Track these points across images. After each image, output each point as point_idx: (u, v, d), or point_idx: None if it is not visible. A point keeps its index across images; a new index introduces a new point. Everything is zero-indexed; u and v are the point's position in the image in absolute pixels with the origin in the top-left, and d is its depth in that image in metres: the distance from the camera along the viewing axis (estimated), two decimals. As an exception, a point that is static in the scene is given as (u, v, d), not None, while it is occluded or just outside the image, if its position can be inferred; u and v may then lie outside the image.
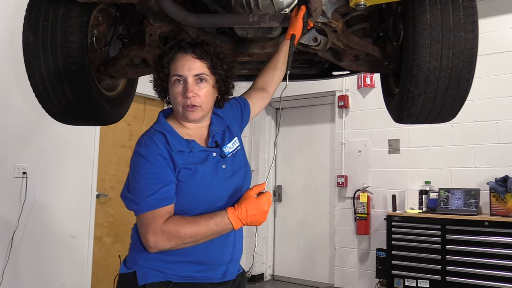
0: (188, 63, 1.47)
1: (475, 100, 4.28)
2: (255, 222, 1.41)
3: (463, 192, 4.37)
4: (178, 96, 1.47)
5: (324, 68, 2.51)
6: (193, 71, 1.47)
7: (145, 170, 1.39)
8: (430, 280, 4.16)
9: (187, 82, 1.46)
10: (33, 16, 1.86)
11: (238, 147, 1.60)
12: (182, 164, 1.43)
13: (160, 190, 1.38)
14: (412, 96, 1.83)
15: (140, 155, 1.42)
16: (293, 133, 6.12)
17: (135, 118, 4.89)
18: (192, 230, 1.35)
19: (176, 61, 1.48)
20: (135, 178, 1.41)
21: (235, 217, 1.38)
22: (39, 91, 1.94)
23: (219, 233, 1.39)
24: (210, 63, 1.49)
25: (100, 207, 4.46)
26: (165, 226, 1.35)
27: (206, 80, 1.49)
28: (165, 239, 1.35)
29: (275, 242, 6.14)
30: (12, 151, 3.61)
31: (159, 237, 1.35)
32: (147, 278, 1.42)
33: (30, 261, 3.68)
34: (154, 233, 1.35)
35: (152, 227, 1.35)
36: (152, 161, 1.40)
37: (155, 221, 1.35)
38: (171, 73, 1.48)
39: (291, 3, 1.86)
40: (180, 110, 1.49)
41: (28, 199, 3.65)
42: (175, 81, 1.48)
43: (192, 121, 1.52)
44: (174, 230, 1.35)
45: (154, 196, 1.37)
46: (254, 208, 1.40)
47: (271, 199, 1.44)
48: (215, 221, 1.37)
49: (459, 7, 1.71)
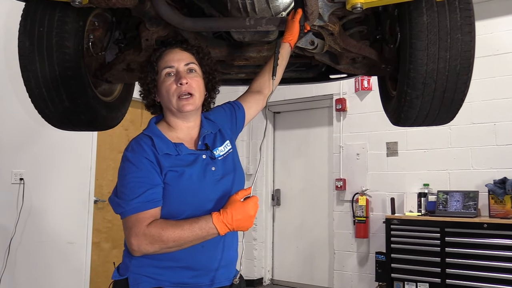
0: (177, 55, 1.54)
1: (473, 102, 4.28)
2: (241, 227, 1.38)
3: (461, 195, 4.37)
4: (171, 86, 1.50)
5: (321, 72, 2.51)
6: (183, 61, 1.54)
7: (131, 174, 1.40)
8: (430, 283, 4.15)
9: (179, 71, 1.52)
10: (29, 21, 1.84)
11: (230, 150, 1.60)
12: (169, 167, 1.43)
13: (145, 193, 1.37)
14: (409, 99, 1.82)
15: (127, 159, 1.43)
16: (291, 137, 6.12)
17: (132, 123, 4.88)
18: (175, 234, 1.33)
19: (164, 56, 1.55)
20: (121, 182, 1.41)
21: (220, 221, 1.35)
22: (35, 96, 1.93)
23: (203, 238, 1.36)
24: (197, 55, 1.58)
25: (97, 213, 4.44)
26: (148, 229, 1.33)
27: (195, 71, 1.55)
28: (148, 242, 1.33)
29: (274, 246, 6.12)
30: (8, 157, 3.59)
31: (141, 240, 1.33)
32: (139, 284, 1.41)
33: (27, 268, 3.66)
34: (137, 236, 1.33)
35: (135, 230, 1.34)
36: (138, 165, 1.41)
37: (138, 224, 1.34)
38: (161, 67, 1.53)
39: (288, 6, 1.86)
40: (174, 102, 1.50)
41: (25, 205, 3.63)
42: (166, 74, 1.52)
43: (186, 113, 1.52)
44: (157, 233, 1.33)
45: (138, 199, 1.36)
46: (239, 212, 1.36)
47: (258, 203, 1.40)
48: (199, 225, 1.34)
49: (455, 9, 1.70)
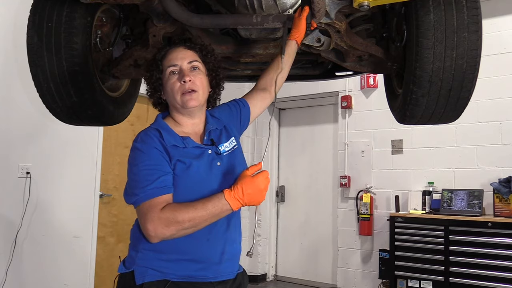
0: (180, 53, 1.56)
1: (479, 100, 4.26)
2: (253, 202, 1.40)
3: (466, 193, 4.36)
4: (175, 84, 1.52)
5: (327, 69, 2.51)
6: (187, 59, 1.56)
7: (143, 162, 1.43)
8: (433, 281, 4.15)
9: (183, 69, 1.54)
10: (37, 17, 1.86)
11: (235, 146, 1.62)
12: (177, 157, 1.45)
13: (158, 179, 1.40)
14: (415, 97, 1.82)
15: (137, 149, 1.46)
16: (296, 133, 6.12)
17: (138, 119, 4.90)
18: (189, 214, 1.35)
19: (168, 55, 1.56)
20: (133, 171, 1.45)
21: (232, 197, 1.37)
22: (43, 91, 1.95)
23: (217, 216, 1.38)
24: (200, 53, 1.60)
25: (103, 207, 4.47)
26: (162, 213, 1.36)
27: (199, 68, 1.57)
28: (164, 225, 1.35)
29: (278, 242, 6.14)
30: (15, 151, 3.62)
31: (157, 224, 1.35)
32: (145, 277, 1.43)
33: (33, 261, 3.69)
34: (152, 221, 1.35)
35: (150, 216, 1.36)
36: (148, 154, 1.44)
37: (153, 210, 1.36)
38: (165, 66, 1.55)
39: (295, 4, 1.86)
40: (178, 99, 1.52)
41: (32, 199, 3.66)
42: (170, 73, 1.54)
43: (191, 109, 1.54)
44: (171, 215, 1.35)
45: (152, 185, 1.39)
46: (250, 187, 1.38)
47: (269, 177, 1.42)
48: (212, 203, 1.37)
49: (462, 7, 1.70)
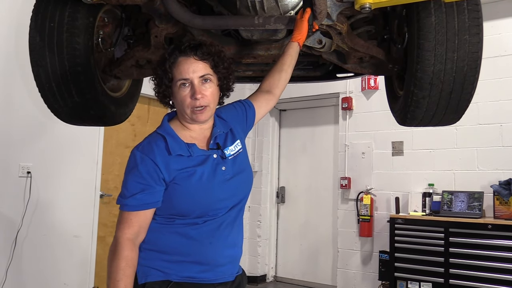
0: (192, 66, 1.49)
1: (479, 103, 4.26)
2: None
3: (466, 195, 4.36)
4: (186, 99, 1.49)
5: (329, 70, 2.52)
6: (198, 73, 1.49)
7: (132, 173, 1.44)
8: (433, 283, 4.15)
9: (194, 84, 1.49)
10: (40, 17, 1.87)
11: (240, 149, 1.61)
12: (179, 169, 1.45)
13: (137, 195, 1.42)
14: (416, 99, 1.82)
15: (134, 157, 1.47)
16: (296, 134, 6.12)
17: (139, 119, 4.90)
18: (109, 269, 1.38)
19: (179, 65, 1.50)
20: (125, 176, 1.47)
21: None
22: (44, 91, 1.95)
23: None
24: (212, 63, 1.53)
25: (103, 207, 4.47)
26: (122, 240, 1.40)
27: (210, 80, 1.52)
28: (113, 245, 1.41)
29: (278, 243, 6.13)
30: (16, 150, 3.62)
31: (118, 238, 1.41)
32: (148, 277, 1.44)
33: (33, 260, 3.70)
34: (119, 231, 1.41)
35: (120, 227, 1.42)
36: (140, 166, 1.44)
37: (124, 226, 1.42)
38: (176, 77, 1.50)
39: (296, 5, 1.87)
40: (188, 112, 1.50)
41: (32, 199, 3.66)
42: (181, 85, 1.49)
43: (201, 122, 1.53)
44: (112, 252, 1.39)
45: (132, 200, 1.42)
46: None
47: None
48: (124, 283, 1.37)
49: (464, 10, 1.70)
